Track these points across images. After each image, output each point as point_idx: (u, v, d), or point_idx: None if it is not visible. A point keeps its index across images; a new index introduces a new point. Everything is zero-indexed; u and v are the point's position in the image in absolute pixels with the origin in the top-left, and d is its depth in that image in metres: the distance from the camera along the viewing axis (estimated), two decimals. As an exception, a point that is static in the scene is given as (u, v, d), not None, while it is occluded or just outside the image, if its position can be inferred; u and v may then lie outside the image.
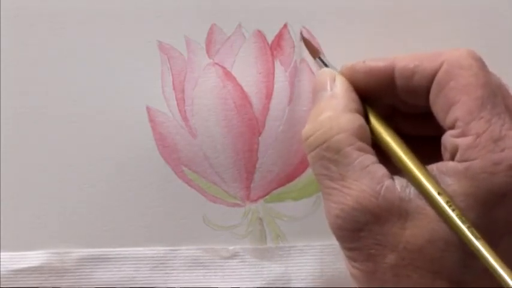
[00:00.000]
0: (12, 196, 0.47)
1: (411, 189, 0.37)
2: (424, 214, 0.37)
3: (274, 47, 0.47)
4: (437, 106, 0.38)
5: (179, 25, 0.47)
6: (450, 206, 0.36)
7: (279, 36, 0.47)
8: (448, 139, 0.37)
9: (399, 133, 0.40)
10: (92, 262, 0.47)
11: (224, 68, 0.47)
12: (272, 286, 0.47)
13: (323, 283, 0.47)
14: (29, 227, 0.47)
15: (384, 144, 0.40)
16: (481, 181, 0.36)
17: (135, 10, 0.47)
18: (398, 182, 0.38)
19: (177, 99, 0.47)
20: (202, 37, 0.47)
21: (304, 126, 0.41)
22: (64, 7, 0.47)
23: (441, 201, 0.36)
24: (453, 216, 0.36)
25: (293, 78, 0.47)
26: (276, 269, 0.48)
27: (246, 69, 0.47)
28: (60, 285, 0.47)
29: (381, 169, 0.38)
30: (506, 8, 0.48)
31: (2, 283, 0.47)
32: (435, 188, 0.37)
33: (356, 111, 0.40)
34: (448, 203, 0.36)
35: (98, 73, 0.47)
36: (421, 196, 0.37)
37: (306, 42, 0.46)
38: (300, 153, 0.47)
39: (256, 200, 0.48)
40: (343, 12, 0.47)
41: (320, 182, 0.40)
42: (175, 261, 0.48)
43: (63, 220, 0.47)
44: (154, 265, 0.48)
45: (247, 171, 0.47)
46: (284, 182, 0.48)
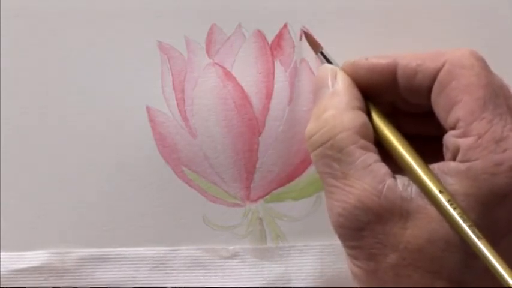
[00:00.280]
0: (12, 196, 0.47)
1: (413, 188, 0.37)
2: (425, 214, 0.37)
3: (274, 47, 0.47)
4: (438, 106, 0.38)
5: (179, 25, 0.47)
6: (452, 205, 0.36)
7: (279, 36, 0.47)
8: (450, 139, 0.37)
9: (400, 132, 0.40)
10: (92, 262, 0.47)
11: (224, 68, 0.47)
12: (272, 286, 0.47)
13: (323, 283, 0.47)
14: (29, 227, 0.47)
15: (386, 142, 0.40)
16: (482, 182, 0.36)
17: (135, 10, 0.47)
18: (400, 181, 0.38)
19: (177, 99, 0.47)
20: (202, 37, 0.47)
21: (304, 126, 0.41)
22: (64, 7, 0.47)
23: (443, 199, 0.36)
24: (455, 214, 0.36)
25: (293, 78, 0.47)
26: (276, 269, 0.48)
27: (246, 69, 0.47)
28: (60, 285, 0.47)
29: (383, 168, 0.38)
30: (506, 8, 0.48)
31: (2, 283, 0.47)
32: (437, 186, 0.36)
33: (358, 108, 0.40)
34: (450, 202, 0.36)
35: (98, 73, 0.47)
36: (423, 195, 0.37)
37: (308, 36, 0.46)
38: (300, 153, 0.47)
39: (256, 200, 0.48)
40: (343, 12, 0.47)
41: (323, 180, 0.40)
42: (175, 261, 0.48)
43: (63, 220, 0.47)
44: (154, 265, 0.48)
45: (247, 171, 0.47)
46: (284, 182, 0.48)
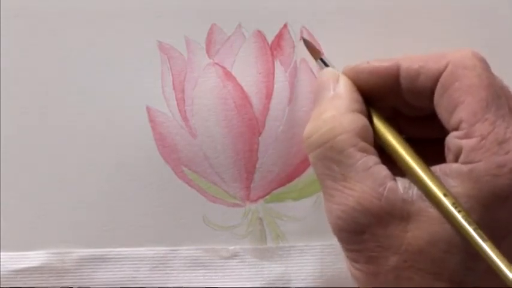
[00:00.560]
0: (12, 196, 0.47)
1: (414, 190, 0.37)
2: (426, 216, 0.37)
3: (274, 47, 0.47)
4: (441, 107, 0.38)
5: (179, 25, 0.47)
6: (456, 208, 0.36)
7: (279, 36, 0.47)
8: (452, 140, 0.37)
9: (401, 135, 0.40)
10: (92, 262, 0.47)
11: (224, 68, 0.47)
12: (272, 286, 0.47)
13: (323, 283, 0.47)
14: (29, 227, 0.47)
15: (387, 145, 0.39)
16: (485, 183, 0.36)
17: (135, 10, 0.47)
18: (401, 184, 0.37)
19: (177, 99, 0.47)
20: (202, 37, 0.47)
21: (304, 126, 0.41)
22: (64, 7, 0.47)
23: (447, 202, 0.36)
24: (459, 217, 0.36)
25: (293, 78, 0.47)
26: (276, 269, 0.48)
27: (246, 69, 0.47)
28: (60, 285, 0.47)
29: (384, 170, 0.38)
30: (506, 8, 0.48)
31: (2, 283, 0.47)
32: (441, 190, 0.36)
33: (359, 111, 0.40)
34: (454, 205, 0.36)
35: (98, 73, 0.47)
36: (424, 198, 0.37)
37: (307, 43, 0.46)
38: (300, 153, 0.47)
39: (256, 200, 0.48)
40: (343, 12, 0.47)
41: (321, 182, 0.39)
42: (175, 261, 0.48)
43: (63, 220, 0.47)
44: (154, 265, 0.48)
45: (247, 171, 0.47)
46: (284, 182, 0.48)
